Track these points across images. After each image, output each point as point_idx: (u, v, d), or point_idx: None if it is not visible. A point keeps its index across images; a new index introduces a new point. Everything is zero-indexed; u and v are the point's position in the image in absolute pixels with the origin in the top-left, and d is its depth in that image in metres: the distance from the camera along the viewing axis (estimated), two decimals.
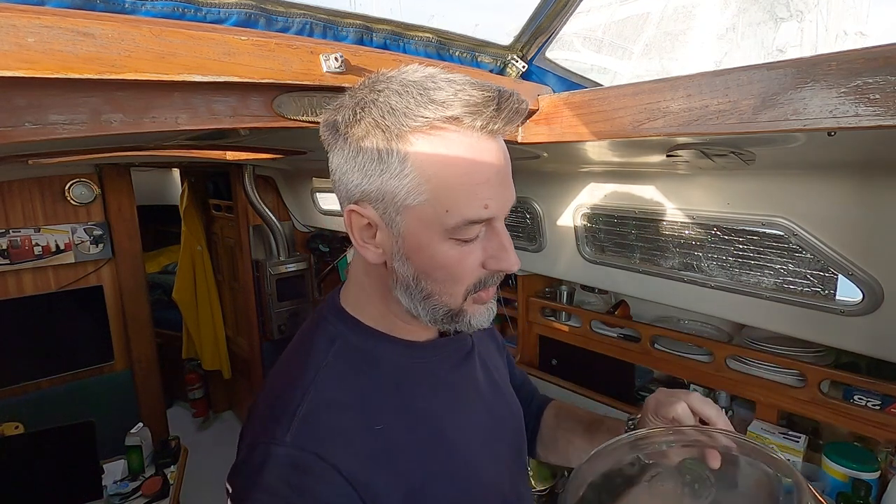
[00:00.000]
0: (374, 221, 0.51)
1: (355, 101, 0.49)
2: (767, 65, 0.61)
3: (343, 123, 0.50)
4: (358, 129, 0.49)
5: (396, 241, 0.51)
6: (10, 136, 0.51)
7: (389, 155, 0.47)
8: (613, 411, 1.62)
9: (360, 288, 0.59)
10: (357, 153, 0.49)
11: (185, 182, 3.20)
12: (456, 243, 0.50)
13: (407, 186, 0.48)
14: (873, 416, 1.14)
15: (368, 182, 0.49)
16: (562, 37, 1.05)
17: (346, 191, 0.52)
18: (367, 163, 0.49)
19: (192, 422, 3.50)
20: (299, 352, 0.58)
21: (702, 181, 1.17)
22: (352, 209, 0.52)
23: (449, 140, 0.47)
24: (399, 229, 0.50)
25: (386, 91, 0.48)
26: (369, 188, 0.49)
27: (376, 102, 0.47)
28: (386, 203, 0.49)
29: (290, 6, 0.76)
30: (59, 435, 1.78)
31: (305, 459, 0.47)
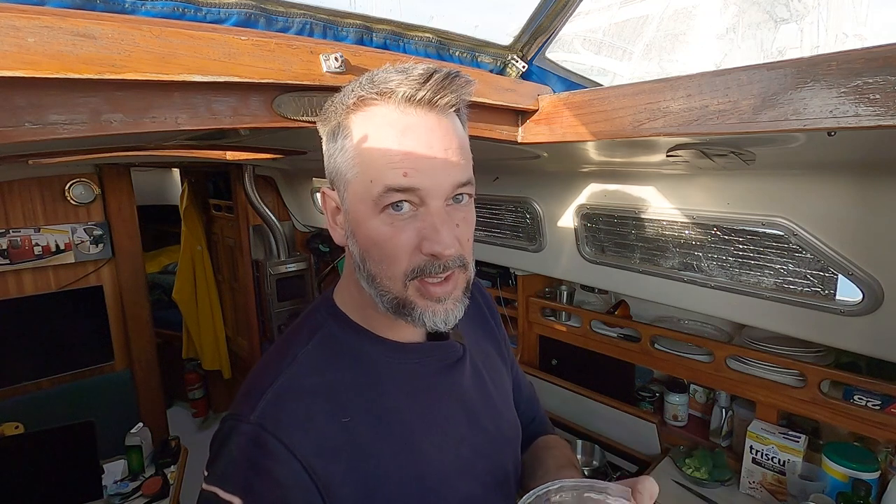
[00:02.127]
0: (336, 201, 0.55)
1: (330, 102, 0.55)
2: (767, 65, 0.61)
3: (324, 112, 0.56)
4: (323, 123, 0.55)
5: (347, 218, 0.54)
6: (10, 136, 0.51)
7: (337, 133, 0.53)
8: (614, 411, 1.62)
9: (347, 283, 0.60)
10: (328, 137, 0.55)
11: (185, 182, 3.20)
12: (387, 218, 0.51)
13: (348, 162, 0.52)
14: (873, 416, 1.14)
15: (331, 163, 0.54)
16: (562, 38, 1.05)
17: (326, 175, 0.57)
18: (328, 145, 0.55)
19: (192, 422, 3.50)
20: (285, 339, 0.60)
21: (702, 181, 1.17)
22: (323, 190, 0.56)
23: (375, 113, 0.50)
24: (347, 206, 0.54)
25: (353, 80, 0.52)
26: (331, 169, 0.54)
27: (333, 100, 0.54)
28: (338, 181, 0.54)
29: (290, 6, 0.76)
30: (59, 435, 1.78)
31: (265, 439, 0.49)
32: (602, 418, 1.67)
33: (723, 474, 1.37)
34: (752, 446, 1.30)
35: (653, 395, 1.71)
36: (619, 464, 1.61)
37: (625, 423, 1.60)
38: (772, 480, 1.28)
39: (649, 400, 1.70)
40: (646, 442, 1.57)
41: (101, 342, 2.30)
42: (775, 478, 1.27)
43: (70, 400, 2.21)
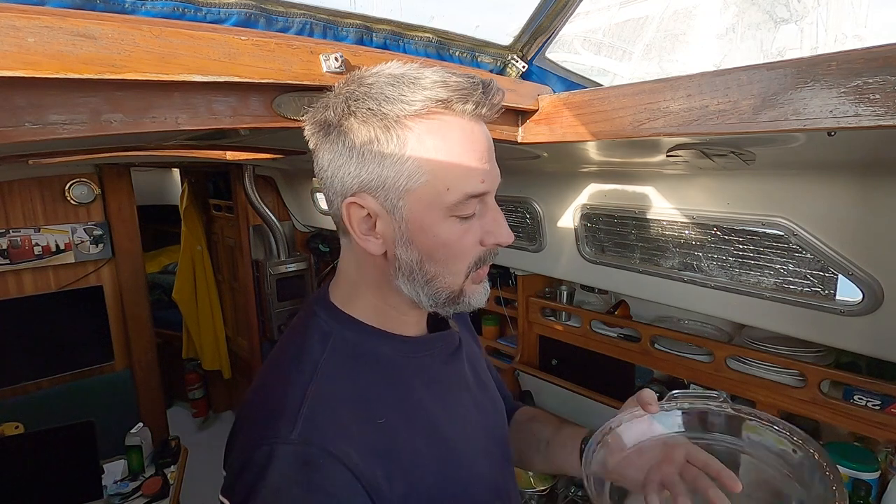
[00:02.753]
0: (373, 211, 0.52)
1: (345, 96, 0.51)
2: (767, 65, 0.61)
3: (336, 118, 0.51)
4: (353, 120, 0.50)
5: (399, 226, 0.53)
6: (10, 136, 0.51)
7: (389, 141, 0.49)
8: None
9: (351, 283, 0.60)
10: (354, 145, 0.50)
11: (185, 182, 3.20)
12: (456, 220, 0.53)
13: (407, 170, 0.50)
14: (873, 416, 1.14)
15: (367, 171, 0.51)
16: (562, 38, 1.05)
17: (340, 185, 0.53)
18: (365, 153, 0.50)
19: (192, 422, 3.50)
20: (292, 351, 0.57)
21: (702, 181, 1.17)
22: (351, 201, 0.52)
23: (444, 122, 0.50)
24: (402, 214, 0.52)
25: (377, 84, 0.50)
26: (368, 177, 0.51)
27: (370, 94, 0.49)
28: (387, 190, 0.51)
29: (290, 6, 0.76)
30: (59, 435, 1.78)
31: (313, 454, 0.47)
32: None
33: None
34: None
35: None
36: None
37: None
38: None
39: None
40: None
41: (101, 342, 2.30)
42: None
43: (70, 400, 2.21)
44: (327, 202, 0.57)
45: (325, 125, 0.53)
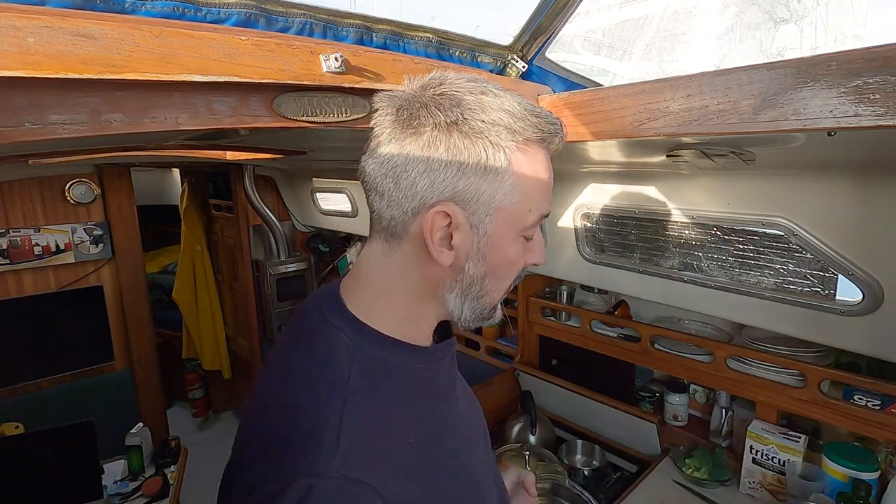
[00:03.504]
0: (457, 223, 0.51)
1: (455, 101, 0.50)
2: (767, 65, 0.61)
3: (443, 120, 0.49)
4: (464, 128, 0.50)
5: (479, 241, 0.53)
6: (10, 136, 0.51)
7: (495, 159, 0.50)
8: (614, 411, 1.62)
9: (380, 291, 0.56)
10: (457, 153, 0.50)
11: (185, 182, 3.20)
12: (522, 241, 0.56)
13: (505, 190, 0.51)
14: (873, 416, 1.14)
15: (465, 182, 0.50)
16: (562, 38, 1.05)
17: (425, 189, 0.50)
18: (468, 164, 0.50)
19: (192, 422, 3.50)
20: (314, 368, 0.53)
21: (702, 181, 1.17)
22: (441, 209, 0.50)
23: (536, 154, 0.54)
24: (486, 229, 0.52)
25: (489, 102, 0.50)
26: (465, 188, 0.50)
27: (482, 108, 0.50)
28: (479, 204, 0.51)
29: (290, 6, 0.76)
30: (59, 435, 1.78)
31: (351, 490, 0.45)
32: (602, 418, 1.67)
33: (723, 474, 1.37)
34: (752, 446, 1.30)
35: (653, 395, 1.71)
36: (619, 464, 1.61)
37: (625, 423, 1.60)
38: (772, 480, 1.28)
39: (649, 400, 1.70)
40: (646, 442, 1.57)
41: (101, 342, 2.30)
42: (775, 478, 1.27)
43: (70, 400, 2.21)
44: (384, 200, 0.53)
45: (412, 120, 0.50)
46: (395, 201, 0.52)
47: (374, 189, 0.54)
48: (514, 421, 1.69)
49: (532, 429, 1.64)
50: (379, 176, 0.53)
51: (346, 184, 2.48)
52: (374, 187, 0.54)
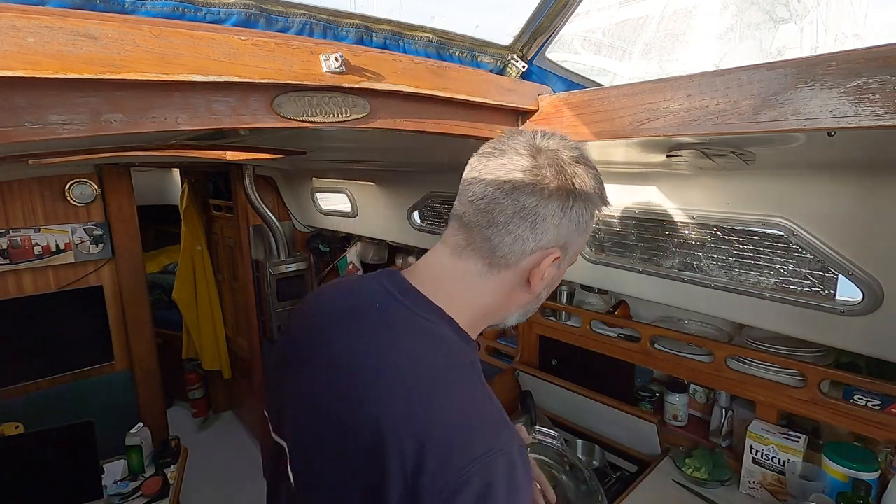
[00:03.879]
0: (559, 260, 0.65)
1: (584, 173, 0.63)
2: (767, 65, 0.61)
3: (573, 186, 0.62)
4: (584, 201, 0.63)
5: (556, 276, 0.68)
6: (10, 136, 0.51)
7: (588, 225, 0.65)
8: (614, 411, 1.62)
9: (476, 306, 0.66)
10: (579, 217, 0.63)
11: (185, 182, 3.20)
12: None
13: (581, 243, 0.67)
14: (873, 416, 1.14)
15: (572, 236, 0.64)
16: (562, 38, 1.05)
17: (549, 236, 0.62)
18: (580, 224, 0.63)
19: (192, 422, 3.50)
20: (462, 365, 0.61)
21: (702, 181, 1.17)
22: (556, 255, 0.63)
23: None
24: (562, 267, 0.67)
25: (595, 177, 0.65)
26: (570, 239, 0.64)
27: (596, 190, 0.64)
28: (567, 249, 0.65)
29: (290, 6, 0.76)
30: (59, 435, 1.78)
31: (524, 454, 0.57)
32: (602, 418, 1.67)
33: (723, 474, 1.37)
34: (752, 446, 1.30)
35: (653, 395, 1.71)
36: (619, 464, 1.61)
37: (625, 423, 1.60)
38: (772, 480, 1.28)
39: (649, 400, 1.70)
40: (646, 442, 1.57)
41: (101, 342, 2.30)
42: (775, 478, 1.27)
43: (70, 400, 2.21)
44: (510, 236, 0.61)
45: (562, 184, 0.61)
46: (523, 241, 0.61)
47: (497, 224, 0.61)
48: (514, 421, 1.69)
49: (532, 429, 1.64)
50: (513, 217, 0.61)
51: (346, 184, 2.48)
52: (497, 222, 0.61)
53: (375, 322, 0.62)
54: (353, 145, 1.34)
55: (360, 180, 2.36)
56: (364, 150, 1.45)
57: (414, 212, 2.17)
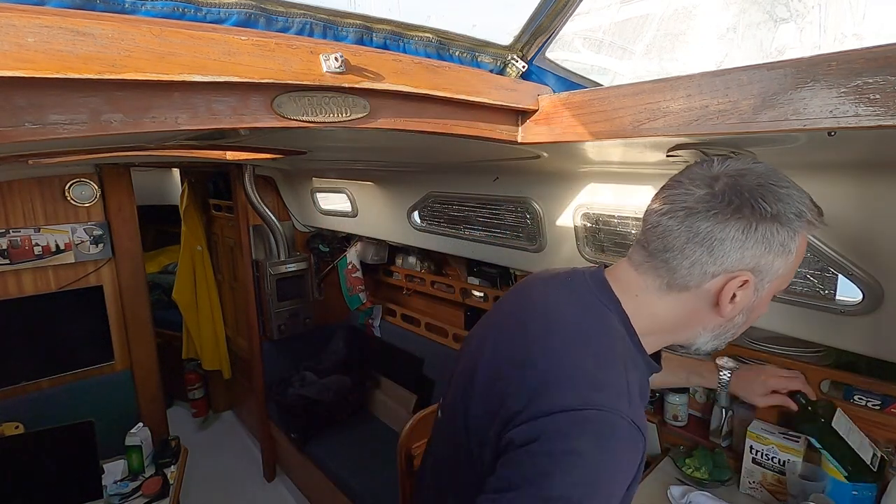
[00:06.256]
0: (750, 286, 0.65)
1: (773, 195, 0.62)
2: (767, 65, 0.61)
3: (757, 210, 0.62)
4: (777, 222, 0.62)
5: (755, 300, 0.67)
6: (10, 136, 0.51)
7: (792, 245, 0.64)
8: None
9: (649, 312, 0.71)
10: (769, 238, 0.62)
11: (185, 182, 3.20)
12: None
13: (785, 266, 0.65)
14: (873, 416, 1.14)
15: (766, 259, 0.63)
16: (562, 37, 1.05)
17: (730, 259, 0.63)
18: (774, 246, 0.63)
19: (192, 422, 3.50)
20: (604, 338, 0.68)
21: None
22: (745, 278, 0.64)
23: (805, 238, 0.67)
24: (761, 293, 0.67)
25: (792, 196, 0.63)
26: (762, 263, 0.64)
27: (793, 211, 0.63)
28: (764, 273, 0.65)
29: (290, 6, 0.76)
30: (59, 435, 1.78)
31: (636, 433, 0.61)
32: None
33: (723, 474, 1.37)
34: (752, 446, 1.30)
35: (653, 395, 1.71)
36: None
37: None
38: (772, 480, 1.28)
39: (649, 400, 1.70)
40: None
41: (101, 342, 2.30)
42: (775, 478, 1.27)
43: (70, 400, 2.21)
44: (688, 260, 0.65)
45: (744, 208, 0.62)
46: (701, 264, 0.64)
47: (673, 249, 0.66)
48: None
49: None
50: (688, 242, 0.64)
51: (346, 184, 2.48)
52: (673, 248, 0.66)
53: (565, 297, 0.74)
54: (353, 145, 1.34)
55: (360, 180, 2.36)
56: (364, 150, 1.45)
57: (414, 212, 2.17)
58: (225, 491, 2.81)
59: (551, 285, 0.78)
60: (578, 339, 0.68)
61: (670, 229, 0.65)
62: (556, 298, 0.74)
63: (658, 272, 0.68)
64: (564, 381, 0.62)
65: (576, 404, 0.60)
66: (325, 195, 2.75)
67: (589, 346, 0.67)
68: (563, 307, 0.72)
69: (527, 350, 0.68)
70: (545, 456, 0.58)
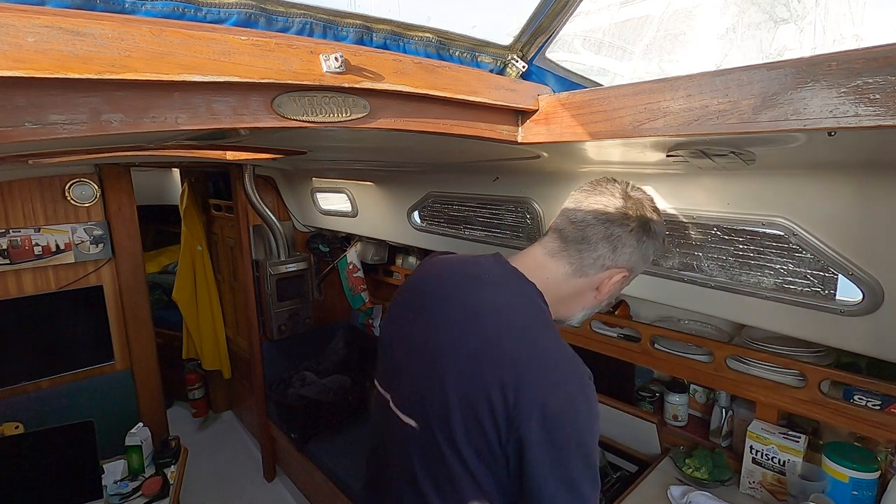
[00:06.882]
0: (624, 278, 0.87)
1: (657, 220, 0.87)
2: (767, 65, 0.61)
3: (650, 228, 0.84)
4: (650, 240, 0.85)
5: (618, 290, 0.89)
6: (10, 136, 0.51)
7: (649, 258, 0.88)
8: (614, 411, 1.62)
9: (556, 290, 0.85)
10: (646, 250, 0.86)
11: (185, 182, 3.20)
12: None
13: (641, 269, 0.89)
14: (873, 416, 1.14)
15: (637, 263, 0.86)
16: (562, 37, 1.05)
17: (620, 259, 0.84)
18: (646, 254, 0.86)
19: (192, 422, 3.50)
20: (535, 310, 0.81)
21: (702, 181, 1.17)
22: (625, 273, 0.86)
23: None
24: (623, 285, 0.89)
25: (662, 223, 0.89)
26: (635, 266, 0.86)
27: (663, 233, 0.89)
28: (632, 271, 0.87)
29: (290, 6, 0.76)
30: (59, 435, 1.78)
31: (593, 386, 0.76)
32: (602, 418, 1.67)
33: (723, 474, 1.37)
34: (752, 446, 1.30)
35: (653, 395, 1.71)
36: (619, 464, 1.61)
37: (625, 423, 1.60)
38: (772, 480, 1.28)
39: (649, 400, 1.70)
40: (646, 442, 1.57)
41: (101, 342, 2.30)
42: (775, 478, 1.27)
43: (70, 400, 2.21)
44: (595, 252, 0.83)
45: (640, 224, 0.83)
46: (604, 258, 0.83)
47: (588, 242, 0.83)
48: None
49: None
50: (602, 239, 0.82)
51: (346, 184, 2.48)
52: (589, 241, 0.83)
53: (493, 286, 0.83)
54: (353, 145, 1.34)
55: (360, 180, 2.36)
56: (364, 150, 1.45)
57: (414, 212, 2.17)
58: (225, 491, 2.81)
59: (472, 273, 0.86)
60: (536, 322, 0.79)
61: (592, 226, 0.82)
62: (491, 288, 0.83)
63: (570, 260, 0.84)
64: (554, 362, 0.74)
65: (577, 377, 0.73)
66: (325, 195, 2.75)
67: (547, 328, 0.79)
68: (501, 296, 0.81)
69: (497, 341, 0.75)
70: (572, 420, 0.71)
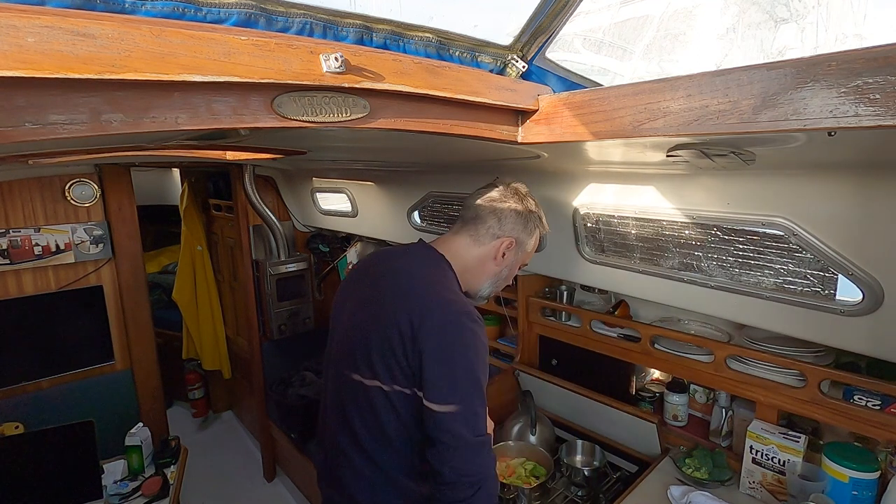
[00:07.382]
0: (513, 248, 1.16)
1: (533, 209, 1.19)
2: (767, 65, 0.61)
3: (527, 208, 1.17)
4: (532, 218, 1.18)
5: (514, 261, 1.19)
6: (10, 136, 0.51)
7: (532, 231, 1.19)
8: (614, 411, 1.62)
9: (463, 262, 1.15)
10: (527, 224, 1.17)
11: (185, 182, 3.20)
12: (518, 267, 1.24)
13: (529, 245, 1.20)
14: (873, 416, 1.14)
15: (523, 235, 1.17)
16: (562, 37, 1.05)
17: (509, 228, 1.15)
18: (529, 230, 1.18)
19: (192, 422, 3.50)
20: (446, 275, 1.10)
21: (702, 181, 1.17)
22: (512, 241, 1.15)
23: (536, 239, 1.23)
24: (518, 257, 1.20)
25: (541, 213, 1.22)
26: (522, 237, 1.17)
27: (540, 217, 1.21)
28: (521, 245, 1.18)
29: (290, 6, 0.76)
30: (59, 435, 1.78)
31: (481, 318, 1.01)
32: (602, 418, 1.67)
33: (723, 474, 1.37)
34: (752, 446, 1.30)
35: (653, 395, 1.71)
36: (619, 464, 1.61)
37: (625, 423, 1.60)
38: (772, 480, 1.28)
39: (649, 400, 1.70)
40: (646, 442, 1.57)
41: (101, 342, 2.30)
42: (775, 478, 1.27)
43: (70, 400, 2.21)
44: (485, 225, 1.14)
45: (521, 204, 1.16)
46: (493, 227, 1.14)
47: (480, 218, 1.15)
48: (513, 421, 1.69)
49: (532, 429, 1.64)
50: (489, 214, 1.14)
51: (346, 184, 2.48)
52: (480, 217, 1.15)
53: (411, 258, 1.14)
54: (353, 145, 1.34)
55: (360, 180, 2.36)
56: (364, 150, 1.45)
57: (414, 212, 2.17)
58: (225, 491, 2.81)
59: (399, 252, 1.18)
60: (439, 280, 1.07)
61: (482, 207, 1.15)
62: (413, 261, 1.12)
63: (469, 233, 1.15)
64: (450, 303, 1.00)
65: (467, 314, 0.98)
66: (325, 195, 2.75)
67: (449, 285, 1.07)
68: (415, 264, 1.11)
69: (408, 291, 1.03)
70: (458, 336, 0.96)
